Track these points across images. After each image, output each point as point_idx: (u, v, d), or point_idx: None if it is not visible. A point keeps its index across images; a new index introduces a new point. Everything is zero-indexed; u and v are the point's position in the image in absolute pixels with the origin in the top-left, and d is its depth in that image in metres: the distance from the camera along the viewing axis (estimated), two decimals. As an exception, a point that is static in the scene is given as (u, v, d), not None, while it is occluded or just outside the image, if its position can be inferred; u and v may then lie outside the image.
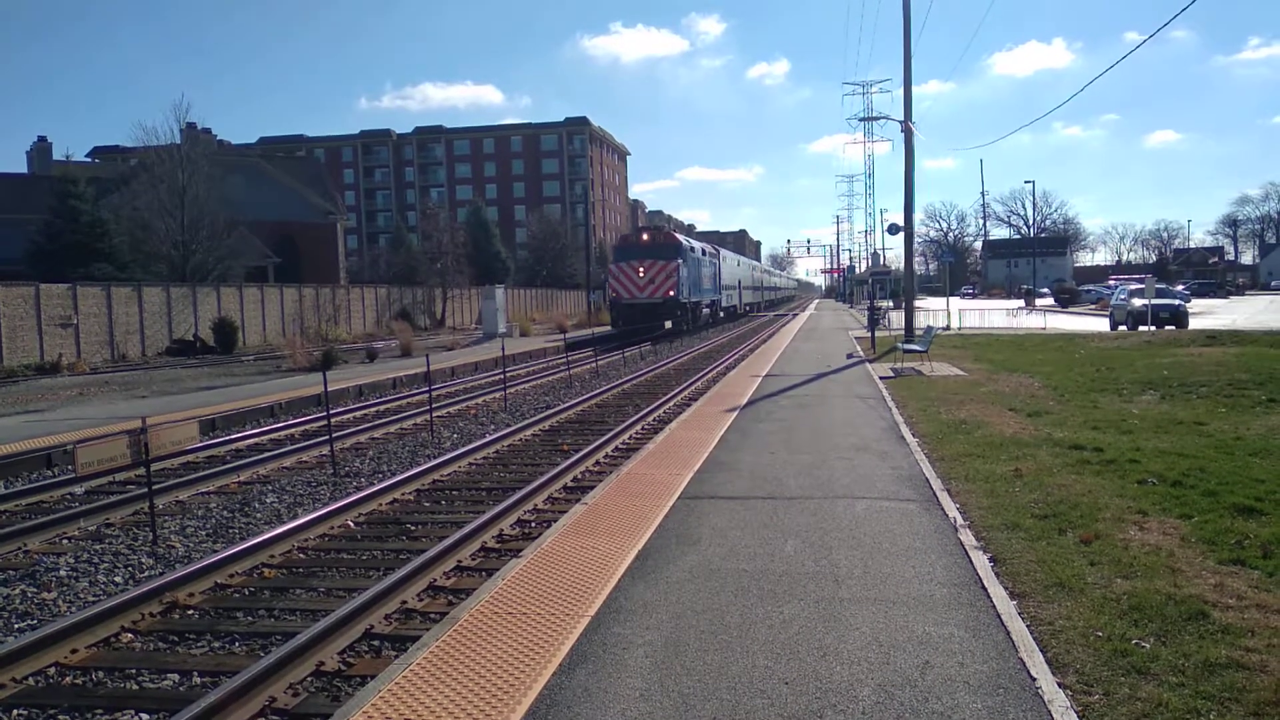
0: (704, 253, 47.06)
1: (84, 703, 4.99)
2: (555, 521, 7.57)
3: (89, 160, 79.78)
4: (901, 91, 28.21)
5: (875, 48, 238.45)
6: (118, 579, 7.24)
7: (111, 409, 16.72)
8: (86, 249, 40.41)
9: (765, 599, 5.38)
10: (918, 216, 43.43)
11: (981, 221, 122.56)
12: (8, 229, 44.50)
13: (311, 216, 57.72)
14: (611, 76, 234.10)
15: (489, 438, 12.93)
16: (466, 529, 7.81)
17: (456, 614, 5.31)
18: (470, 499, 9.78)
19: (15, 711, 4.91)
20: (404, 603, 6.36)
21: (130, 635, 5.96)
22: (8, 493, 10.21)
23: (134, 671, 5.38)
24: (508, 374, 20.37)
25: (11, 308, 29.37)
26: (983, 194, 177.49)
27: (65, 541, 8.35)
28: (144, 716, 4.84)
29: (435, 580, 6.85)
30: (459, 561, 7.31)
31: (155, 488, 8.84)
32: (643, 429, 13.89)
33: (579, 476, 10.54)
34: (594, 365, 25.10)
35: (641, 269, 37.78)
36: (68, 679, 5.35)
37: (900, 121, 28.23)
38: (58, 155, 72.22)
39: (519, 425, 14.08)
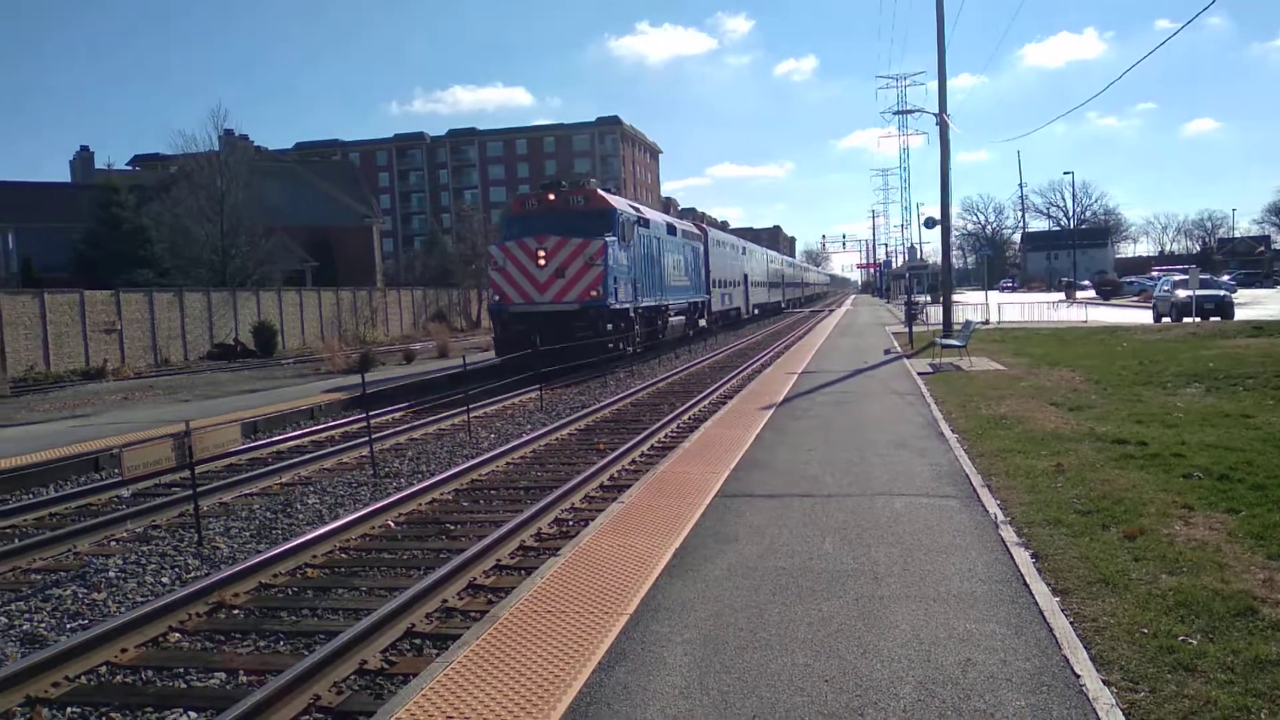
0: (671, 230, 31.39)
1: (134, 701, 5.08)
2: (592, 520, 7.60)
3: (130, 169, 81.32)
4: (935, 84, 27.96)
5: (904, 42, 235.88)
6: (165, 580, 7.37)
7: (155, 413, 17.02)
8: (129, 256, 41.26)
9: (804, 596, 5.36)
10: (954, 210, 42.03)
11: (1020, 214, 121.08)
12: (53, 237, 45.46)
13: (347, 220, 58.36)
14: (639, 76, 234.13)
15: (526, 437, 13.00)
16: (505, 528, 7.86)
17: (496, 612, 5.35)
18: (508, 498, 9.84)
19: (69, 709, 5.02)
20: (444, 601, 6.41)
21: (178, 635, 6.07)
22: (58, 496, 10.43)
23: (182, 670, 5.48)
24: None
25: (57, 314, 30.01)
26: (1020, 185, 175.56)
27: (114, 543, 8.51)
28: (192, 714, 4.92)
29: (475, 579, 6.90)
30: (498, 560, 7.36)
31: (200, 490, 8.98)
32: (678, 427, 13.89)
33: (615, 475, 10.57)
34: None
35: (541, 253, 22.56)
36: (118, 678, 5.46)
37: (935, 114, 27.98)
38: (99, 164, 73.47)
39: (555, 425, 14.14)
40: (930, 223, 32.69)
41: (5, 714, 4.92)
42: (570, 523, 8.59)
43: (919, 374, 17.84)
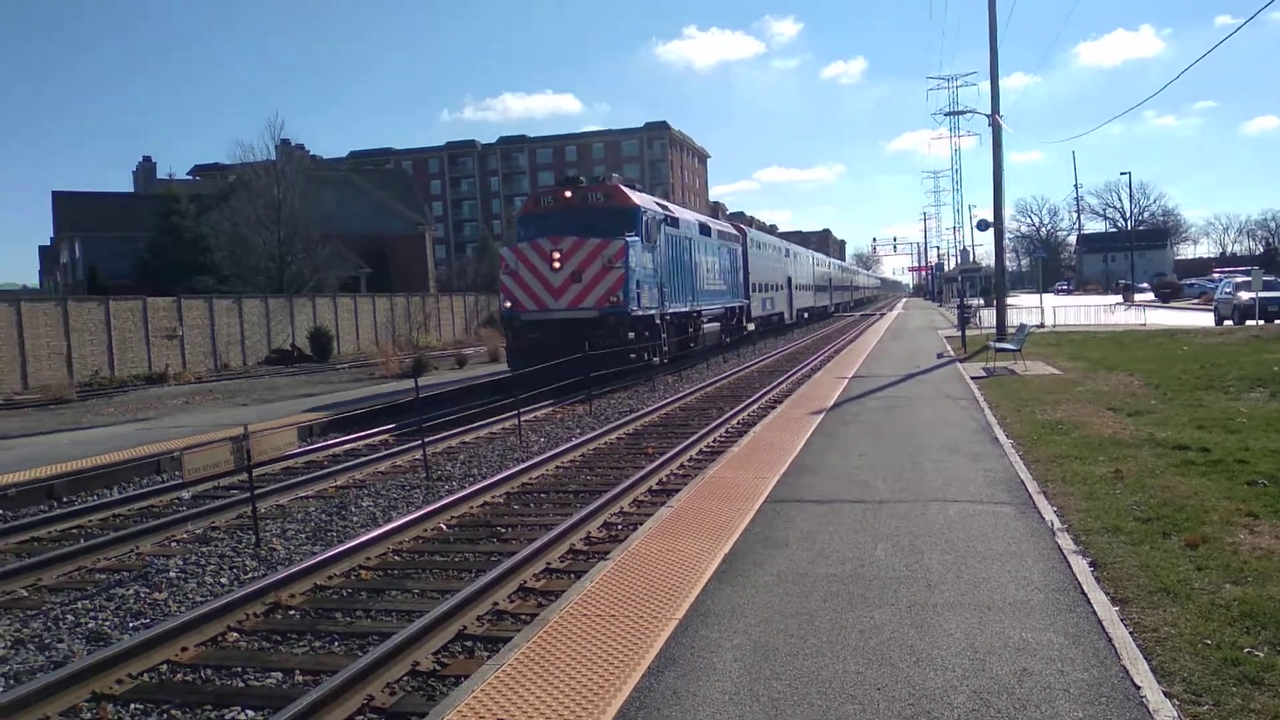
0: (705, 230, 29.08)
1: (194, 699, 5.20)
2: (641, 524, 7.61)
3: (190, 178, 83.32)
4: (986, 85, 27.58)
5: (955, 43, 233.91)
6: (223, 580, 7.53)
7: (215, 416, 17.39)
8: (189, 263, 42.31)
9: (855, 603, 5.31)
10: (1007, 211, 40.66)
11: (1075, 215, 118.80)
12: (117, 245, 46.78)
13: (401, 228, 59.15)
14: (687, 81, 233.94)
15: (575, 441, 13.06)
16: (555, 531, 7.90)
17: (546, 615, 5.38)
18: (558, 502, 9.89)
19: (132, 706, 5.15)
20: (495, 604, 6.46)
21: (236, 634, 6.20)
22: (121, 497, 10.71)
23: (240, 669, 5.59)
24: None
25: (121, 320, 30.84)
26: (1076, 186, 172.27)
27: (174, 544, 8.71)
28: (250, 713, 5.02)
29: (525, 582, 6.95)
30: (548, 564, 7.40)
31: (257, 492, 9.16)
32: (727, 432, 13.85)
33: (664, 480, 10.57)
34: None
35: (556, 255, 20.58)
36: (179, 676, 5.58)
37: (987, 115, 27.61)
38: (161, 174, 75.58)
39: (604, 429, 14.18)
40: (983, 225, 32.19)
41: (72, 709, 5.07)
42: (619, 527, 8.61)
43: (972, 378, 17.58)
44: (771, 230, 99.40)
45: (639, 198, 22.85)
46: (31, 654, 5.99)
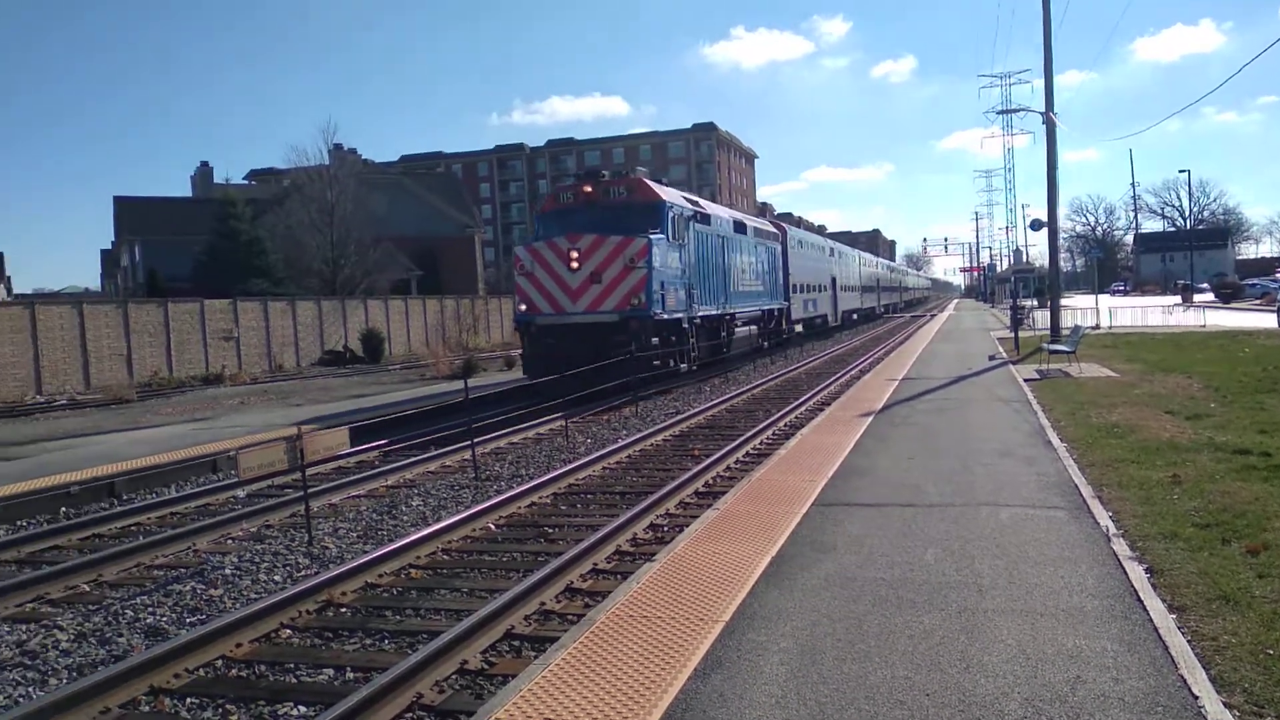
0: (740, 227, 27.54)
1: (248, 694, 5.30)
2: (687, 526, 7.60)
3: (246, 182, 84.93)
4: (1040, 82, 27.11)
5: (1008, 40, 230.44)
6: (277, 578, 7.66)
7: (269, 416, 17.71)
8: (245, 266, 43.16)
9: (904, 608, 5.26)
10: (1062, 211, 39.51)
11: (1132, 214, 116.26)
12: (175, 249, 47.89)
13: (450, 230, 59.78)
14: (734, 81, 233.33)
15: (621, 442, 13.08)
16: (601, 532, 7.92)
17: (593, 616, 5.40)
18: (604, 503, 9.92)
19: (188, 700, 5.27)
20: (542, 604, 6.50)
21: (289, 631, 6.30)
22: (179, 495, 10.96)
23: (292, 665, 5.69)
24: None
25: (179, 322, 31.57)
26: (1133, 185, 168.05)
27: (229, 541, 8.89)
28: (302, 709, 5.10)
29: (572, 582, 6.98)
30: (594, 564, 7.42)
31: (310, 491, 9.31)
32: (774, 434, 13.78)
33: (710, 482, 10.55)
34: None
35: (574, 254, 19.15)
36: (233, 671, 5.69)
37: (1041, 113, 27.16)
38: (218, 179, 77.10)
39: (650, 430, 14.19)
40: (1036, 225, 31.65)
41: (131, 702, 5.19)
42: (665, 528, 8.61)
43: (1025, 380, 17.30)
44: (819, 230, 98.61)
45: (665, 192, 21.42)
46: (93, 647, 6.15)
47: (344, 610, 6.72)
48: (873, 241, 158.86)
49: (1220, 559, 5.93)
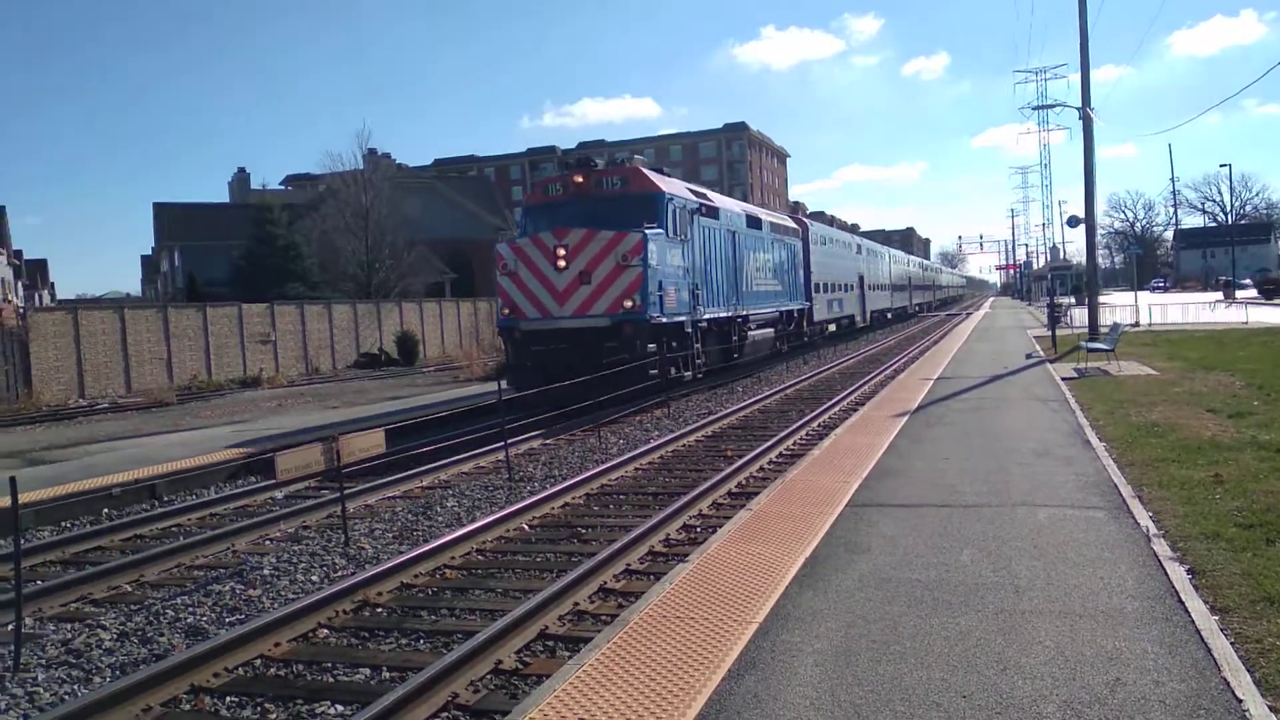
0: (754, 222, 25.53)
1: (286, 693, 5.36)
2: (720, 527, 7.58)
3: (282, 188, 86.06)
4: (1076, 77, 26.77)
5: (1042, 35, 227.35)
6: (314, 578, 7.74)
7: (305, 419, 17.91)
8: (282, 270, 43.73)
9: (940, 609, 5.21)
10: (1100, 207, 39.14)
11: (1171, 210, 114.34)
12: (213, 254, 48.63)
13: (483, 233, 59.98)
14: (765, 81, 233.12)
15: (653, 443, 13.08)
16: (634, 533, 7.93)
17: (627, 616, 5.40)
18: (637, 503, 9.93)
19: (228, 699, 5.34)
20: (576, 604, 6.52)
21: (326, 631, 6.37)
22: (218, 497, 11.12)
23: (330, 665, 5.75)
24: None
25: (218, 326, 32.01)
26: (1172, 180, 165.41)
27: (268, 542, 9.00)
28: (339, 707, 5.16)
29: (605, 583, 6.99)
30: (628, 565, 7.43)
31: (346, 493, 9.40)
32: (807, 434, 13.72)
33: (743, 482, 10.52)
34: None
35: (561, 252, 17.33)
36: (271, 670, 5.77)
37: (1077, 108, 26.81)
38: (255, 184, 78.16)
39: (682, 431, 14.18)
40: (1074, 221, 31.26)
41: (172, 700, 5.28)
42: (698, 529, 8.60)
43: (1063, 379, 17.08)
44: (852, 229, 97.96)
45: (664, 182, 19.49)
46: (135, 646, 6.25)
47: (380, 610, 6.78)
48: (906, 240, 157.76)
49: (1264, 560, 5.82)
